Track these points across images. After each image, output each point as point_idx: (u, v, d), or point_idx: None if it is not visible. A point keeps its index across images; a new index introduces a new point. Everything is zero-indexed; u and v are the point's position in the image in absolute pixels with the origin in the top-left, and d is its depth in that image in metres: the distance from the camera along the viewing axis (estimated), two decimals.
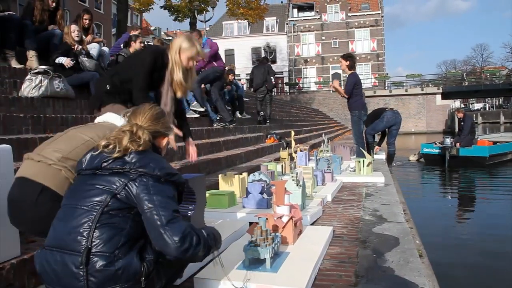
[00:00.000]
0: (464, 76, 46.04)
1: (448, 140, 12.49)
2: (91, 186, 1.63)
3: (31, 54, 5.83)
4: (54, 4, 6.42)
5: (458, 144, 12.47)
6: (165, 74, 3.24)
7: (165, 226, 1.57)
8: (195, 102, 7.55)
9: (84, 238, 1.54)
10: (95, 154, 1.71)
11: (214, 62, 7.85)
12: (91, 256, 1.52)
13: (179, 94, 3.32)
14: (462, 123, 12.82)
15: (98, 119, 2.40)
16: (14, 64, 5.67)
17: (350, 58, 7.51)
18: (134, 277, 1.57)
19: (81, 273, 1.51)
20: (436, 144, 13.26)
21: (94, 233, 1.54)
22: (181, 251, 1.57)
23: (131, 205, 1.61)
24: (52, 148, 2.09)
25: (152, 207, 1.58)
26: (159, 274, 1.67)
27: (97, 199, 1.59)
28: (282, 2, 50.05)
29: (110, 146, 1.67)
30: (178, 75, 3.21)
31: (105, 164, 1.66)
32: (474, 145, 12.86)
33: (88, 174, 1.70)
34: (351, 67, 7.38)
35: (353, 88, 7.32)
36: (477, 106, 75.16)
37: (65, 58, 5.53)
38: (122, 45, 7.29)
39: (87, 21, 6.83)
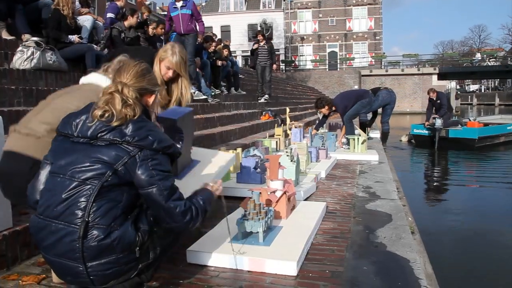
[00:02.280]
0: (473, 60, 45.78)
1: (439, 121, 12.07)
2: (88, 158, 1.58)
3: (26, 38, 5.71)
4: None
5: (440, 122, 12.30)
6: None
7: (168, 203, 1.61)
8: (197, 92, 7.28)
9: (81, 211, 1.52)
10: (89, 122, 1.64)
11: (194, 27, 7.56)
12: (88, 229, 1.51)
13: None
14: (438, 101, 12.60)
15: (83, 80, 2.34)
16: (5, 35, 5.54)
17: (323, 102, 7.38)
18: (129, 247, 1.57)
19: (77, 245, 1.50)
20: (425, 125, 12.92)
21: (92, 207, 1.53)
22: (185, 223, 1.66)
23: (129, 180, 1.60)
24: (39, 120, 2.05)
25: (154, 185, 1.60)
26: (153, 244, 1.68)
27: (95, 173, 1.56)
28: None
29: (106, 115, 1.61)
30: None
31: (101, 134, 1.60)
32: (463, 127, 12.78)
33: (81, 142, 1.63)
34: (329, 104, 7.27)
35: (350, 106, 7.17)
36: (473, 87, 75.23)
37: (74, 36, 5.49)
38: (114, 16, 7.14)
39: None
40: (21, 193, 1.94)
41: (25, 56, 4.55)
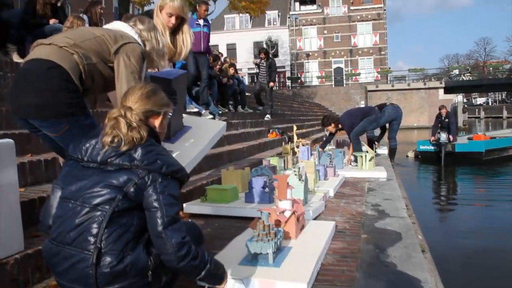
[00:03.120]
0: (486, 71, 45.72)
1: (444, 136, 11.94)
2: (98, 183, 1.60)
3: None
4: None
5: (451, 138, 12.20)
6: None
7: (167, 228, 1.58)
8: (204, 111, 7.25)
9: (93, 238, 1.53)
10: (98, 147, 1.67)
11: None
12: (101, 256, 1.52)
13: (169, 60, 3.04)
14: (447, 120, 12.54)
15: (107, 26, 2.45)
16: (16, 58, 5.66)
17: (329, 120, 7.49)
18: (142, 271, 1.57)
19: (90, 272, 1.51)
20: (431, 141, 12.75)
21: (104, 233, 1.54)
22: (178, 256, 1.58)
23: (139, 203, 1.61)
24: (63, 35, 2.20)
25: (157, 207, 1.59)
26: (165, 268, 1.67)
27: (106, 198, 1.58)
28: None
29: (116, 140, 1.64)
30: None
31: (111, 159, 1.63)
32: (470, 140, 12.63)
33: (91, 167, 1.66)
34: (335, 122, 7.34)
35: (357, 123, 7.23)
36: (480, 100, 74.97)
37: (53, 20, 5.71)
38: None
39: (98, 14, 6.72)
40: (34, 91, 2.04)
41: None
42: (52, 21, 6.30)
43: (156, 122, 1.83)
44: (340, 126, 7.32)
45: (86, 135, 1.77)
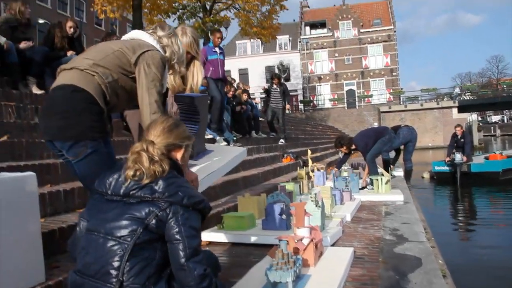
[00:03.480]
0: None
1: (458, 156, 11.70)
2: (120, 215, 1.64)
3: None
4: (72, 30, 6.59)
5: (465, 158, 11.97)
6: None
7: (189, 260, 1.59)
8: (218, 137, 7.26)
9: (115, 271, 1.55)
10: (121, 180, 1.70)
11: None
12: (123, 286, 1.53)
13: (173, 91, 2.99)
14: (462, 139, 12.38)
15: (125, 37, 2.47)
16: (35, 90, 5.81)
17: (341, 140, 7.54)
18: None
19: None
20: (446, 161, 12.46)
21: (126, 266, 1.55)
22: None
23: (161, 235, 1.62)
24: (83, 56, 2.24)
25: (179, 240, 1.59)
26: None
27: (128, 230, 1.60)
28: (294, 20, 50.43)
29: (138, 173, 1.67)
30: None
31: (133, 192, 1.66)
32: (486, 160, 12.40)
33: (114, 200, 1.69)
34: (349, 145, 7.36)
35: (371, 143, 7.20)
36: (495, 118, 74.25)
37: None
38: None
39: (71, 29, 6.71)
40: (60, 115, 2.06)
41: None
42: (69, 53, 6.47)
43: (178, 155, 1.86)
44: (353, 147, 7.30)
45: (110, 170, 1.80)
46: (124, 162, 1.78)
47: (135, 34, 2.45)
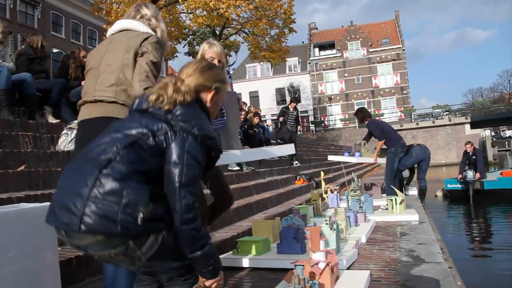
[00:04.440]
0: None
1: (471, 173, 11.56)
2: (134, 121, 1.68)
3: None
4: (85, 60, 6.72)
5: (477, 175, 11.82)
6: None
7: (182, 187, 1.56)
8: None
9: (109, 153, 1.56)
10: (142, 99, 1.76)
11: None
12: (107, 165, 1.53)
13: None
14: (474, 156, 12.23)
15: (115, 27, 2.46)
16: (51, 119, 5.93)
17: (359, 113, 7.99)
18: (135, 207, 1.48)
19: (94, 172, 1.50)
20: (459, 178, 12.32)
21: (120, 151, 1.56)
22: (183, 218, 1.55)
23: (162, 151, 1.62)
24: (93, 81, 2.32)
25: (179, 164, 1.58)
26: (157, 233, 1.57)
27: (135, 131, 1.62)
28: (303, 42, 50.95)
29: (161, 99, 1.68)
30: None
31: (151, 109, 1.69)
32: (499, 177, 12.21)
33: (134, 115, 1.75)
34: (362, 119, 7.81)
35: (381, 131, 7.65)
36: (509, 133, 73.42)
37: None
38: None
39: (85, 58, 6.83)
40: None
41: (69, 138, 4.81)
42: (83, 83, 6.60)
43: (208, 97, 1.83)
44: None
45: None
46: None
47: (125, 25, 2.42)
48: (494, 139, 44.43)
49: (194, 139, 1.62)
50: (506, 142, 58.75)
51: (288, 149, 2.99)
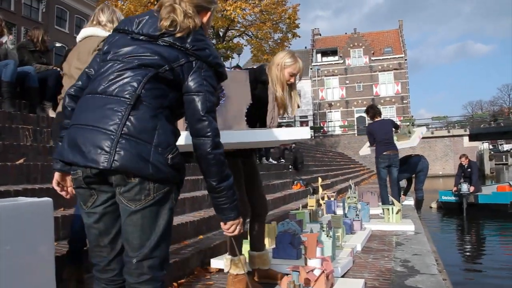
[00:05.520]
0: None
1: (465, 186, 11.55)
2: (147, 49, 1.61)
3: None
4: None
5: (472, 189, 11.80)
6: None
7: (208, 113, 1.58)
8: None
9: (132, 88, 1.53)
10: (151, 22, 1.66)
11: None
12: (138, 104, 1.51)
13: (280, 112, 3.04)
14: (469, 169, 12.25)
15: (80, 36, 2.78)
16: (51, 114, 5.91)
17: (370, 110, 7.87)
18: (166, 148, 1.51)
19: (121, 113, 1.48)
20: (453, 191, 12.31)
21: (145, 86, 1.54)
22: (214, 142, 1.57)
23: (180, 82, 1.61)
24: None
25: (201, 92, 1.59)
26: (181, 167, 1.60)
27: (154, 62, 1.57)
28: (306, 47, 50.99)
29: (174, 24, 1.63)
30: (279, 92, 2.96)
31: (163, 37, 1.62)
32: (494, 191, 12.21)
33: (141, 39, 1.65)
34: (373, 116, 7.74)
35: (373, 139, 7.60)
36: (507, 147, 73.59)
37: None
38: None
39: None
40: None
41: None
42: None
43: (205, 19, 1.81)
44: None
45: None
46: (152, 10, 1.75)
47: (88, 32, 2.72)
48: (492, 152, 44.48)
49: (209, 68, 1.63)
50: (504, 156, 58.88)
51: (301, 133, 2.76)
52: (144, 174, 1.46)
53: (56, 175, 1.74)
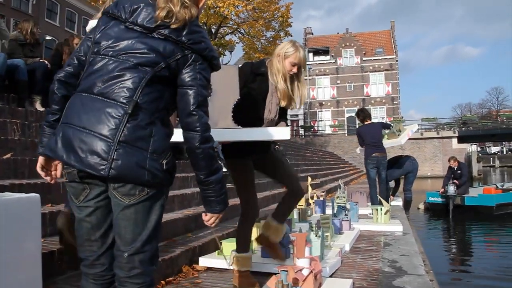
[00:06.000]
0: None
1: (452, 188, 11.62)
2: (143, 44, 1.58)
3: None
4: None
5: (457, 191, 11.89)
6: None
7: (199, 107, 1.58)
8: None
9: (131, 92, 1.52)
10: (145, 12, 1.61)
11: None
12: (136, 110, 1.50)
13: (283, 103, 2.97)
14: (459, 171, 12.36)
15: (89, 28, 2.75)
16: (39, 107, 5.86)
17: (360, 113, 8.10)
18: (161, 153, 1.54)
19: (119, 120, 1.48)
20: (440, 192, 12.41)
21: (143, 90, 1.53)
22: (203, 136, 1.57)
23: (173, 79, 1.60)
24: None
25: (194, 86, 1.59)
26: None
27: (150, 60, 1.56)
28: None
29: (170, 15, 1.59)
30: (280, 83, 2.90)
31: (160, 30, 1.59)
32: (480, 194, 12.35)
33: (135, 30, 1.61)
34: (363, 120, 7.96)
35: (362, 141, 7.79)
36: (494, 149, 74.41)
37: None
38: None
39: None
40: None
41: None
42: None
43: (201, 3, 1.77)
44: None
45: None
46: None
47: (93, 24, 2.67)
48: (480, 154, 44.92)
49: (204, 61, 1.63)
50: (491, 158, 59.55)
51: (280, 133, 2.73)
52: (141, 181, 1.49)
53: (40, 160, 1.71)
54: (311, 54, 48.88)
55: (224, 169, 6.41)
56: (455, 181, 11.92)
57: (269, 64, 2.96)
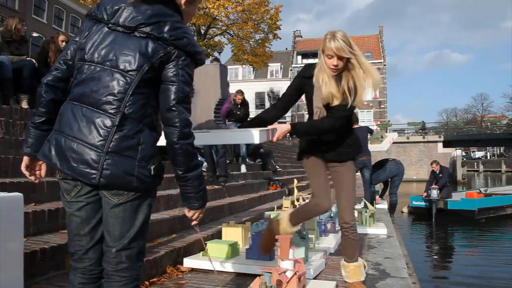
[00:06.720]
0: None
1: (435, 192, 11.80)
2: (126, 48, 1.60)
3: None
4: (64, 44, 6.52)
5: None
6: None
7: (179, 103, 1.59)
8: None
9: (118, 102, 1.54)
10: (126, 12, 1.62)
11: None
12: (123, 121, 1.54)
13: (335, 102, 2.75)
14: (441, 175, 12.47)
15: None
16: (25, 105, 5.79)
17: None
18: (149, 160, 1.58)
19: (107, 130, 1.52)
20: (424, 196, 12.58)
21: (129, 99, 1.56)
22: (182, 132, 1.58)
23: (158, 77, 1.61)
24: None
25: (175, 82, 1.60)
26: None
27: (134, 65, 1.57)
28: (286, 49, 51.21)
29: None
30: (320, 82, 2.75)
31: (141, 28, 1.60)
32: (462, 198, 12.51)
33: (118, 31, 1.62)
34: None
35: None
36: (478, 154, 75.35)
37: None
38: None
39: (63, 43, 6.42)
40: None
41: None
42: None
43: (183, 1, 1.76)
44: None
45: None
46: None
47: None
48: (464, 159, 45.43)
49: (187, 57, 1.63)
50: (475, 163, 60.33)
51: (249, 137, 2.51)
52: (129, 188, 1.56)
53: (25, 159, 1.75)
54: (299, 57, 49.05)
55: (204, 168, 6.39)
56: (435, 185, 12.05)
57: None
